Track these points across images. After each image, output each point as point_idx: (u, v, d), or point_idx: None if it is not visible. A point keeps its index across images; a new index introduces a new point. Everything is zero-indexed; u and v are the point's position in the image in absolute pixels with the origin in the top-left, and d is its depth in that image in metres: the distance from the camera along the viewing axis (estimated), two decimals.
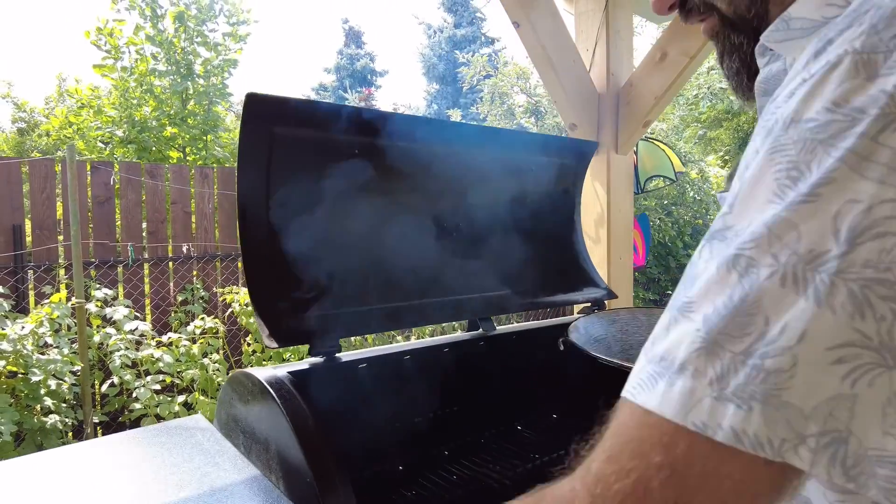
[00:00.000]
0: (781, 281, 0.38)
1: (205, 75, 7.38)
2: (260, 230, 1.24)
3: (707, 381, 0.39)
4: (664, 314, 0.45)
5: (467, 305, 1.64)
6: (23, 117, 16.00)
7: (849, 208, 0.37)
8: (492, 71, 9.94)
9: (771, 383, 0.37)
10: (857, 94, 0.39)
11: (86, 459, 1.10)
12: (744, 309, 0.39)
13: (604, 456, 0.44)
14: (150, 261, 4.82)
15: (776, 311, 0.38)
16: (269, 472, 1.11)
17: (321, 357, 1.30)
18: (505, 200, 1.77)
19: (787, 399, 0.37)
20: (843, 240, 0.37)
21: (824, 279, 0.37)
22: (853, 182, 0.37)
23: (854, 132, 0.38)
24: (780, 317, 0.38)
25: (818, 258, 0.37)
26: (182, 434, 1.21)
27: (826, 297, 0.36)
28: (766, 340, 0.38)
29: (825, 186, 0.38)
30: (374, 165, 1.43)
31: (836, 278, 0.36)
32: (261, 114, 1.20)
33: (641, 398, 0.42)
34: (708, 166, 10.28)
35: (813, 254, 0.37)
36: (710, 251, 0.44)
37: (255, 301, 1.20)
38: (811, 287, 0.37)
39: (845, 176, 0.38)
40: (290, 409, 1.03)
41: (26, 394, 3.36)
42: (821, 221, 0.38)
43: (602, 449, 0.44)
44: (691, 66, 2.35)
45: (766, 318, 0.38)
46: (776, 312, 0.38)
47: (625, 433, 0.43)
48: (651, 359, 0.44)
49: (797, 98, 0.42)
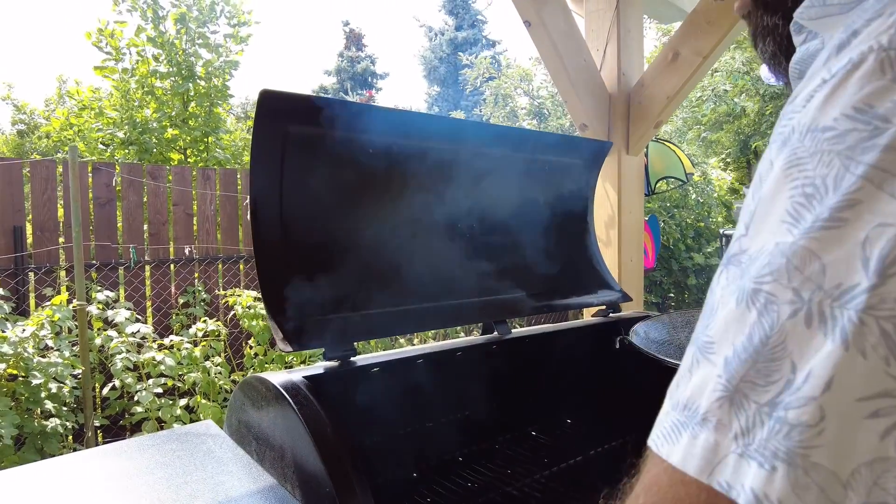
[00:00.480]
0: (806, 320, 0.33)
1: (206, 77, 7.35)
2: (273, 231, 1.21)
3: (732, 434, 0.35)
4: (688, 349, 0.41)
5: (482, 308, 1.61)
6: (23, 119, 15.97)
7: (878, 233, 0.32)
8: (495, 73, 9.92)
9: (795, 440, 0.32)
10: (882, 99, 0.34)
11: (95, 468, 1.07)
12: (766, 353, 0.35)
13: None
14: (152, 263, 4.78)
15: (802, 356, 0.33)
16: (285, 480, 1.07)
17: (336, 361, 1.26)
18: (518, 201, 1.73)
19: (817, 460, 0.32)
20: (872, 271, 0.31)
21: (852, 317, 0.31)
22: (881, 203, 0.32)
23: (877, 144, 0.33)
24: (806, 362, 0.33)
25: (845, 294, 0.32)
26: (193, 441, 1.18)
27: (854, 337, 0.31)
28: (791, 389, 0.33)
29: (849, 210, 0.33)
30: (390, 165, 1.39)
31: (866, 315, 0.31)
32: (274, 111, 1.17)
33: (665, 450, 0.38)
34: (710, 168, 10.26)
35: (840, 289, 0.32)
36: (727, 277, 0.40)
37: (269, 303, 1.17)
38: (837, 327, 0.32)
39: (871, 196, 0.33)
40: (308, 415, 1.00)
41: (27, 397, 3.32)
42: (847, 250, 0.33)
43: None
44: (704, 66, 2.32)
45: (793, 363, 0.33)
46: (802, 357, 0.33)
47: (656, 490, 0.39)
48: (675, 405, 0.39)
49: (815, 103, 0.37)
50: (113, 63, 7.03)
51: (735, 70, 12.14)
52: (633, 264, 2.64)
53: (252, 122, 1.21)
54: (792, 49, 0.57)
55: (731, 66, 12.19)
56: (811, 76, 0.39)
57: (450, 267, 1.55)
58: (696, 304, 8.56)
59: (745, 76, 12.06)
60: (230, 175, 5.35)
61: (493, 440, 1.62)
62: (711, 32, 2.25)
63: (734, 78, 12.06)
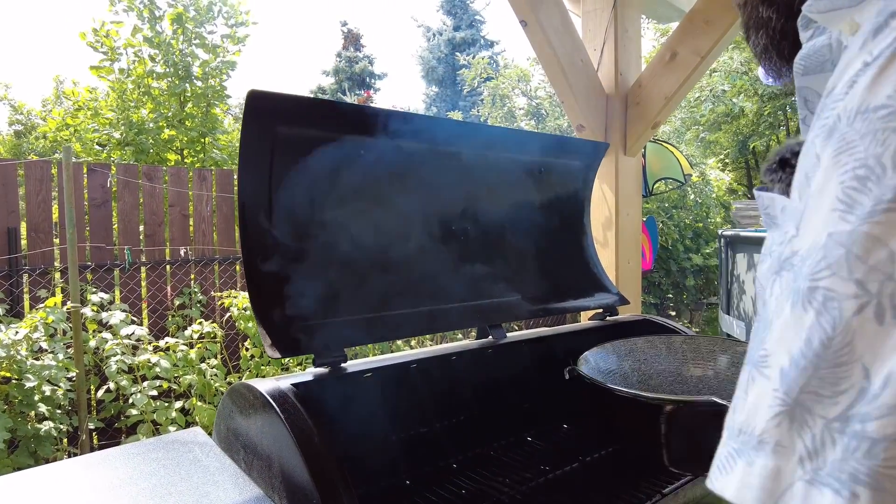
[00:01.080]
0: (877, 316, 0.30)
1: (203, 77, 7.32)
2: (262, 234, 1.18)
3: (796, 458, 0.31)
4: (742, 371, 0.37)
5: (476, 312, 1.58)
6: (20, 119, 15.94)
7: None
8: (492, 73, 9.90)
9: (879, 458, 0.28)
10: None
11: (80, 477, 1.04)
12: (829, 357, 0.31)
13: None
14: (148, 264, 4.75)
15: (876, 357, 0.29)
16: (272, 490, 1.04)
17: (326, 367, 1.24)
18: (514, 203, 1.71)
19: None
20: None
21: None
22: None
23: None
24: (882, 364, 0.29)
25: None
26: (179, 449, 1.15)
27: None
28: (867, 398, 0.29)
29: None
30: (381, 166, 1.37)
31: None
32: (263, 112, 1.14)
33: (719, 484, 0.34)
34: (709, 169, 10.25)
35: None
36: (780, 286, 0.37)
37: (257, 308, 1.14)
38: None
39: None
40: (295, 424, 0.97)
41: (20, 400, 3.29)
42: None
43: None
44: (702, 66, 2.30)
45: (865, 368, 0.30)
46: (876, 358, 0.29)
47: None
48: (731, 433, 0.36)
49: (861, 85, 0.35)
50: (109, 63, 7.00)
51: (733, 70, 12.13)
52: (631, 266, 2.62)
53: None
54: (784, 45, 0.56)
55: (730, 67, 12.18)
56: (847, 64, 0.38)
57: (444, 270, 1.53)
58: (694, 304, 8.56)
59: (744, 76, 12.05)
60: (227, 176, 5.32)
61: (489, 446, 1.59)
62: (709, 32, 2.23)
63: (732, 78, 12.05)
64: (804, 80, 0.53)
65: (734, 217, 11.21)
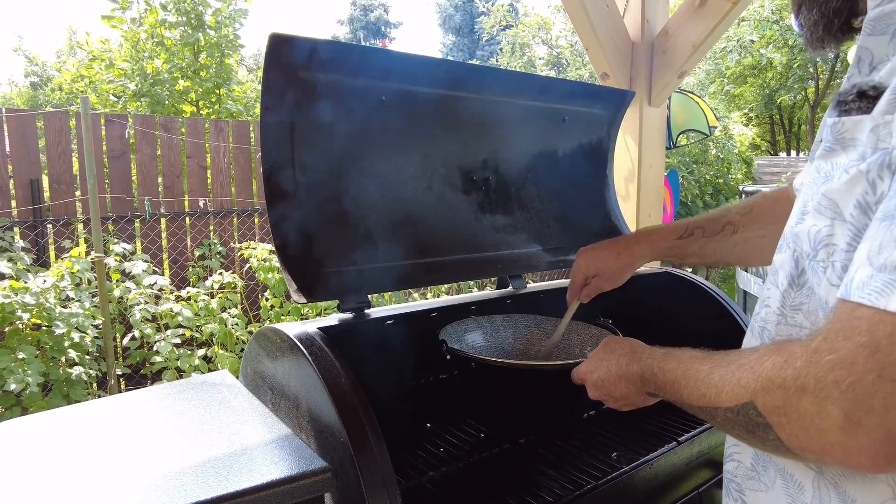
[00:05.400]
0: None
1: (216, 26, 7.19)
2: (285, 182, 1.18)
3: None
4: (882, 226, 0.49)
5: (496, 262, 1.59)
6: (35, 71, 15.88)
7: None
8: (512, 21, 9.60)
9: None
10: None
11: (113, 415, 1.08)
12: None
13: (821, 336, 0.51)
14: (167, 216, 4.80)
15: None
16: (300, 429, 1.08)
17: (350, 313, 1.25)
18: (536, 152, 1.68)
19: None
20: None
21: None
22: None
23: None
24: None
25: None
26: (208, 390, 1.19)
27: None
28: None
29: None
30: (404, 114, 1.35)
31: None
32: (285, 57, 1.12)
33: (882, 303, 0.47)
34: (732, 124, 9.96)
35: None
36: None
37: (283, 255, 1.15)
38: None
39: None
40: (323, 366, 1.00)
41: (51, 346, 3.40)
42: None
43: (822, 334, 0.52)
44: (734, 12, 2.20)
45: None
46: None
47: (883, 335, 0.47)
48: (882, 267, 0.48)
49: None
50: (121, 12, 6.90)
51: (764, 19, 11.61)
52: (652, 220, 2.58)
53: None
54: (834, 23, 0.64)
55: (760, 15, 11.65)
56: None
57: (465, 220, 1.52)
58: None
59: (774, 25, 11.54)
60: (243, 127, 5.29)
61: None
62: None
63: (762, 27, 11.54)
64: (867, 41, 0.58)
65: (756, 173, 10.96)
